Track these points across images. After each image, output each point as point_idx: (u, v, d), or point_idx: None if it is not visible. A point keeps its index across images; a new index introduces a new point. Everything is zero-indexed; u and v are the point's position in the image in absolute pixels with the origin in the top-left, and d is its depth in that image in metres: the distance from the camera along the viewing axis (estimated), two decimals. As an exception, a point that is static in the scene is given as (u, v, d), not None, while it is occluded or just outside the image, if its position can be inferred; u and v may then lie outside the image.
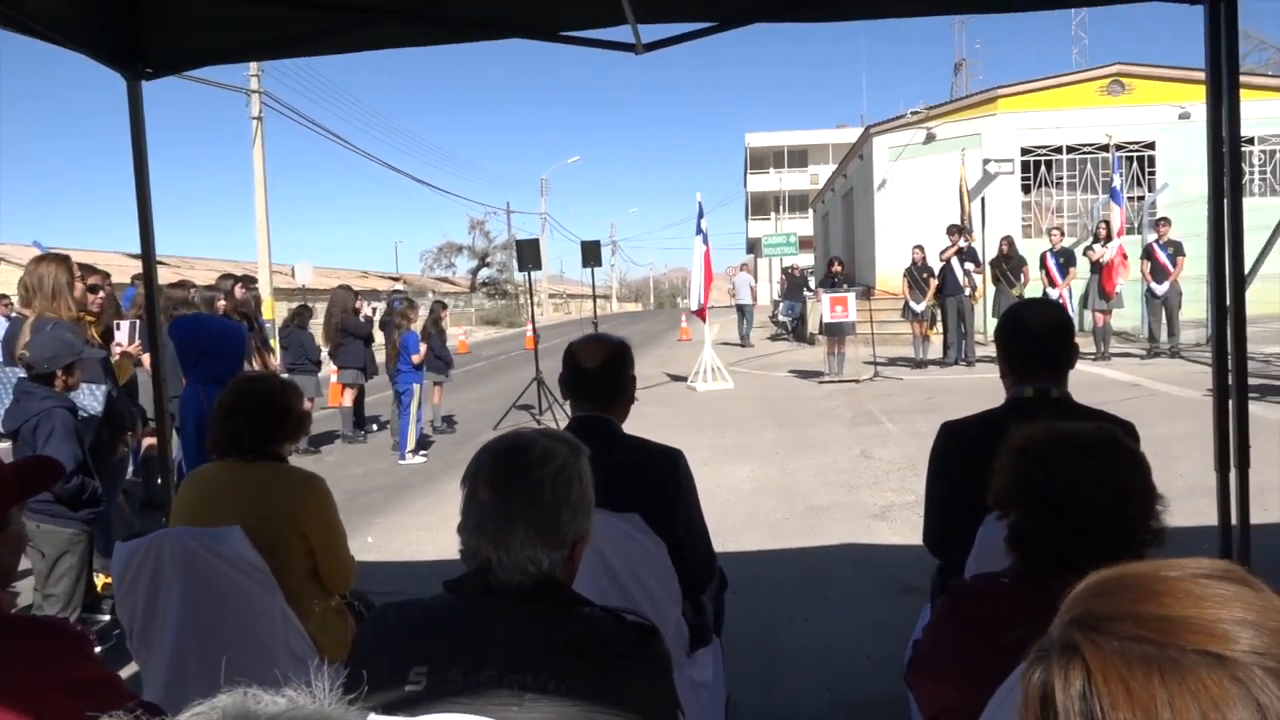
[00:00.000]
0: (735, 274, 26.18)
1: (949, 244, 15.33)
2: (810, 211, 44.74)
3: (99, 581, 4.98)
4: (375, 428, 11.73)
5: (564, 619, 1.58)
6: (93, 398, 4.92)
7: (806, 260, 33.86)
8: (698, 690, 2.73)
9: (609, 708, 1.48)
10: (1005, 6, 3.74)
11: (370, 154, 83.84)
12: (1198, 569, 0.78)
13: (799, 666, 4.17)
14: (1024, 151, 20.99)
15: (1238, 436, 3.24)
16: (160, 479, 6.18)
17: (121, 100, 3.77)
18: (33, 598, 4.39)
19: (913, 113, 22.53)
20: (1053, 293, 14.70)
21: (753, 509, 6.98)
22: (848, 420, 10.78)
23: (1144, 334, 15.43)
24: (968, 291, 15.19)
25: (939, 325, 15.88)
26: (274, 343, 11.58)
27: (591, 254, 13.92)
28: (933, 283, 15.33)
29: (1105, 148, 19.98)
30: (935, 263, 15.50)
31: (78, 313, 5.09)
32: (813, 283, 23.09)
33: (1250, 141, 19.45)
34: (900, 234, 20.20)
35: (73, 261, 5.18)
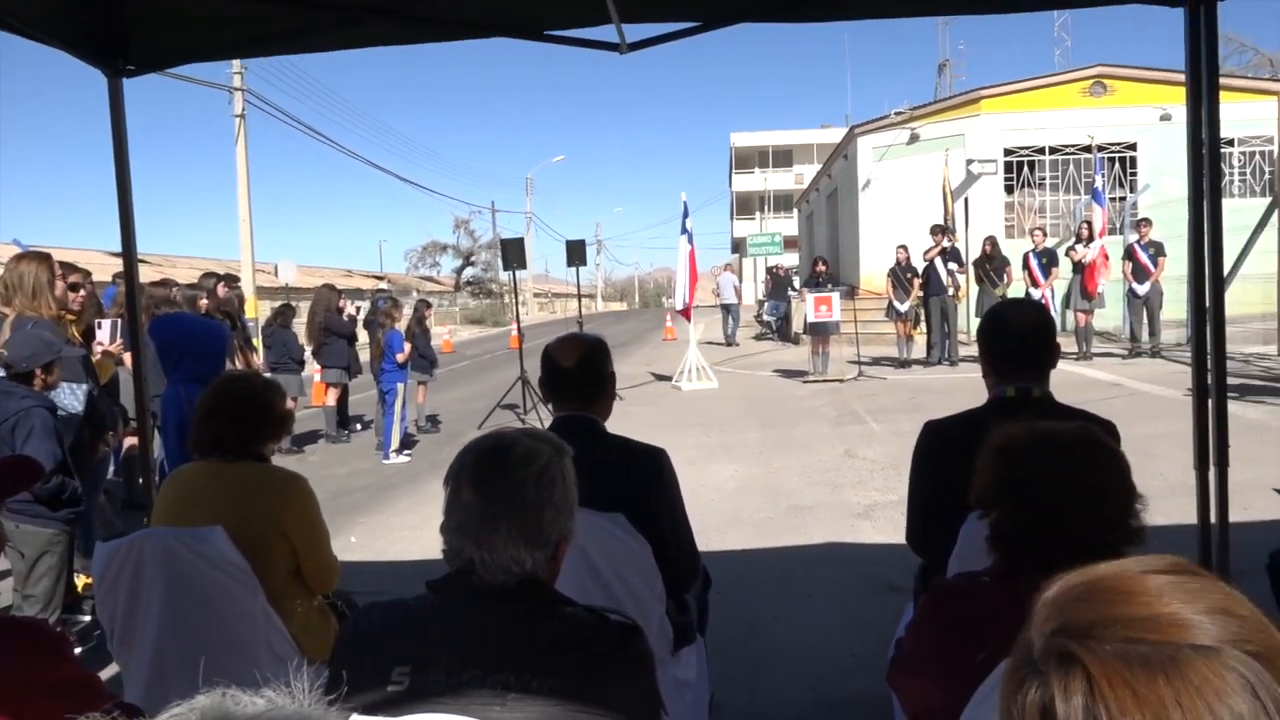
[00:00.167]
0: (720, 274, 26.22)
1: (933, 244, 15.39)
2: (795, 211, 44.84)
3: (79, 582, 4.94)
4: (359, 427, 11.69)
5: (547, 619, 1.58)
6: (73, 397, 4.88)
7: (791, 260, 33.96)
8: (681, 689, 2.73)
9: (592, 707, 1.48)
10: (989, 8, 3.76)
11: (354, 152, 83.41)
12: (1156, 565, 0.80)
13: (782, 665, 4.18)
14: (1007, 152, 21.10)
15: (1217, 436, 3.26)
16: (141, 479, 6.15)
17: (102, 97, 3.75)
18: (12, 598, 4.36)
19: (897, 113, 22.62)
20: (1035, 293, 14.78)
21: (737, 508, 6.99)
22: (832, 420, 10.81)
23: (1125, 334, 15.54)
24: (951, 291, 15.26)
25: (922, 325, 15.94)
26: (257, 342, 11.52)
27: (576, 253, 13.91)
28: (917, 283, 15.39)
29: (1087, 149, 20.11)
30: (919, 263, 15.55)
31: (58, 311, 5.05)
32: (797, 282, 23.15)
33: (1230, 143, 19.60)
34: (884, 234, 20.27)
35: (54, 260, 5.14)
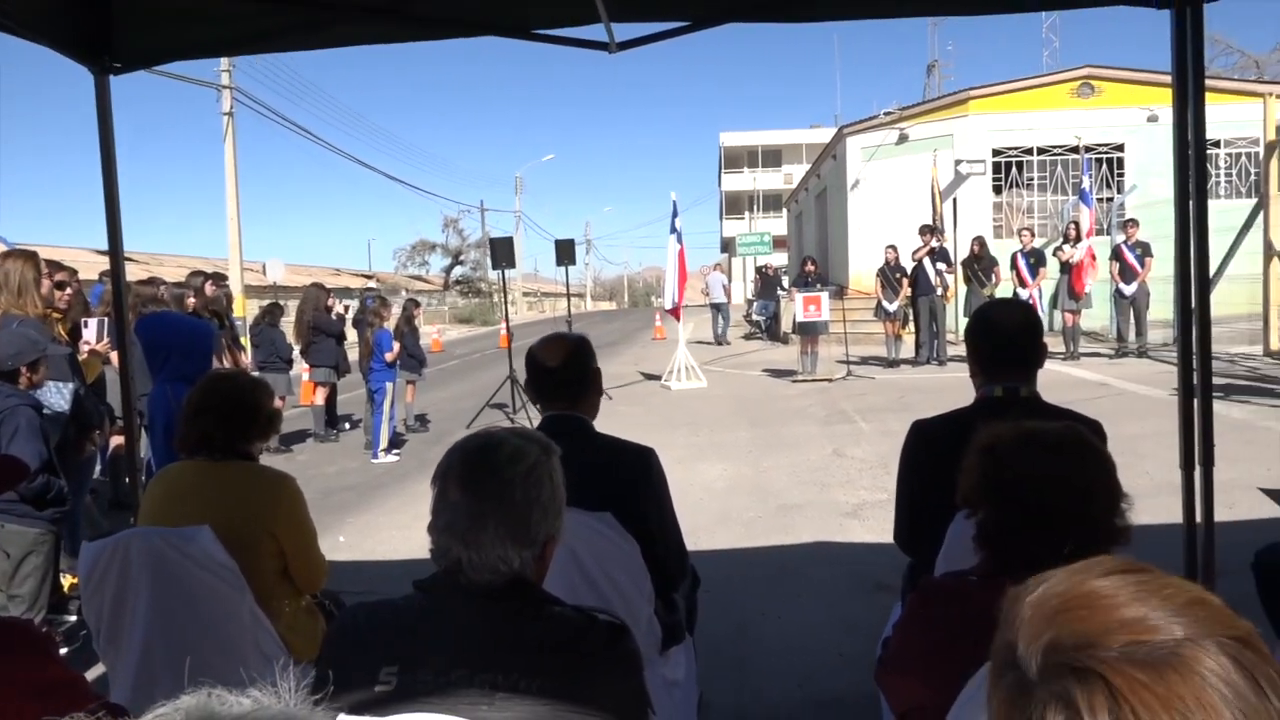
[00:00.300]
0: (709, 273, 26.24)
1: (921, 244, 15.44)
2: (784, 211, 44.89)
3: (65, 582, 4.92)
4: (348, 426, 11.67)
5: (534, 618, 1.58)
6: (59, 395, 4.86)
7: (780, 260, 34.01)
8: (670, 688, 2.73)
9: (580, 706, 1.48)
10: (977, 8, 3.77)
11: (343, 150, 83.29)
12: (1118, 566, 0.82)
13: (771, 664, 4.19)
14: (995, 152, 21.17)
15: (1202, 435, 3.28)
16: (128, 478, 6.12)
17: (89, 94, 3.73)
18: (-3, 598, 4.33)
19: (886, 113, 22.67)
20: (1023, 293, 14.84)
21: (726, 507, 7.00)
22: (820, 419, 10.83)
23: (1112, 334, 15.61)
24: (939, 291, 15.31)
25: (911, 325, 15.98)
26: (245, 340, 11.49)
27: (566, 252, 13.91)
28: (905, 282, 15.43)
29: (1075, 149, 20.18)
30: (908, 262, 15.60)
31: (44, 309, 5.03)
32: (786, 282, 23.19)
33: (1216, 144, 19.71)
34: (873, 234, 20.32)
35: (39, 257, 5.12)
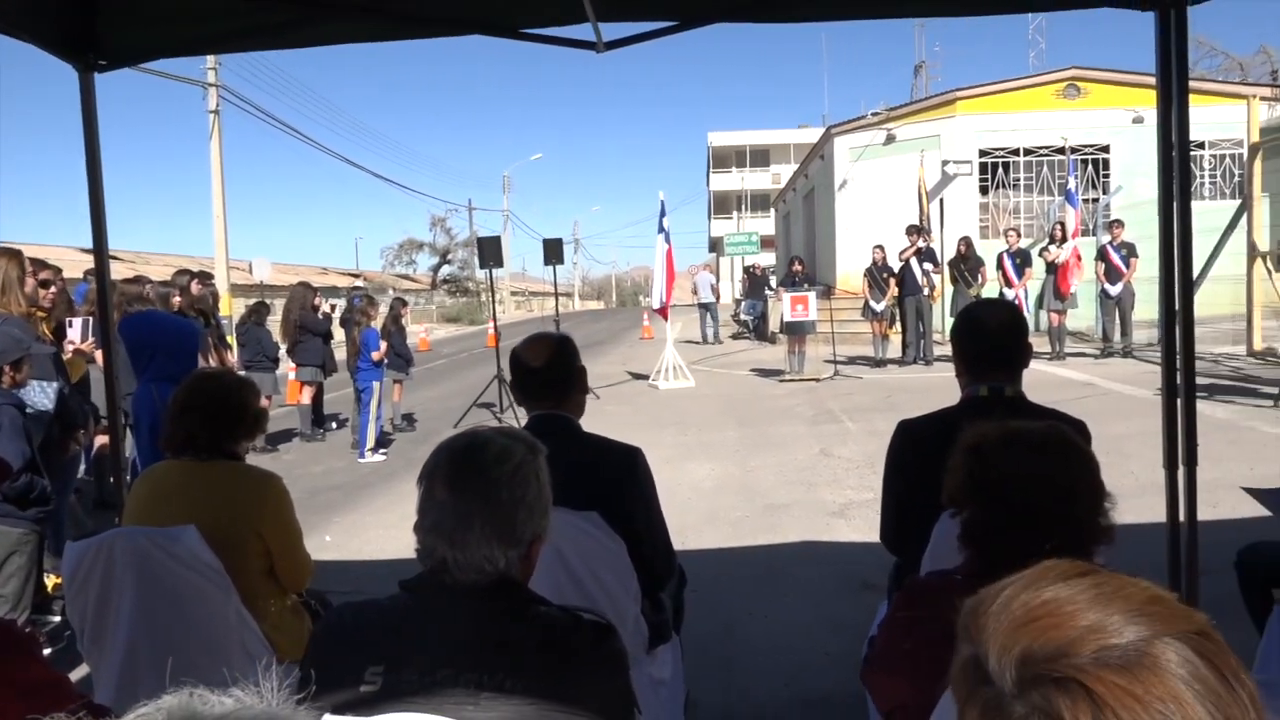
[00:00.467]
0: (697, 273, 26.26)
1: (908, 244, 15.49)
2: (772, 211, 44.98)
3: (50, 582, 4.89)
4: (334, 425, 11.64)
5: (520, 618, 1.58)
6: (43, 394, 4.83)
7: (768, 259, 34.03)
8: (657, 688, 2.74)
9: (565, 706, 1.48)
10: (963, 10, 3.78)
11: (330, 149, 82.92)
12: (1071, 570, 0.84)
13: (758, 663, 4.19)
14: (982, 153, 21.25)
15: (1186, 435, 3.30)
16: (113, 477, 6.09)
17: (74, 91, 3.70)
18: (-20, 599, 4.30)
19: (873, 114, 22.73)
20: (1009, 293, 14.91)
21: (713, 507, 7.01)
22: (808, 418, 10.86)
23: (1098, 334, 15.69)
24: (926, 291, 15.36)
25: (898, 325, 16.03)
26: (231, 339, 11.44)
27: (554, 251, 13.91)
28: (893, 282, 15.47)
29: (1061, 150, 20.28)
30: (895, 263, 15.64)
31: (28, 308, 5.00)
32: (774, 282, 23.22)
33: (1201, 146, 19.84)
34: (860, 234, 20.36)
35: (24, 256, 5.09)
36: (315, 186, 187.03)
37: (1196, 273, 3.66)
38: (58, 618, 4.68)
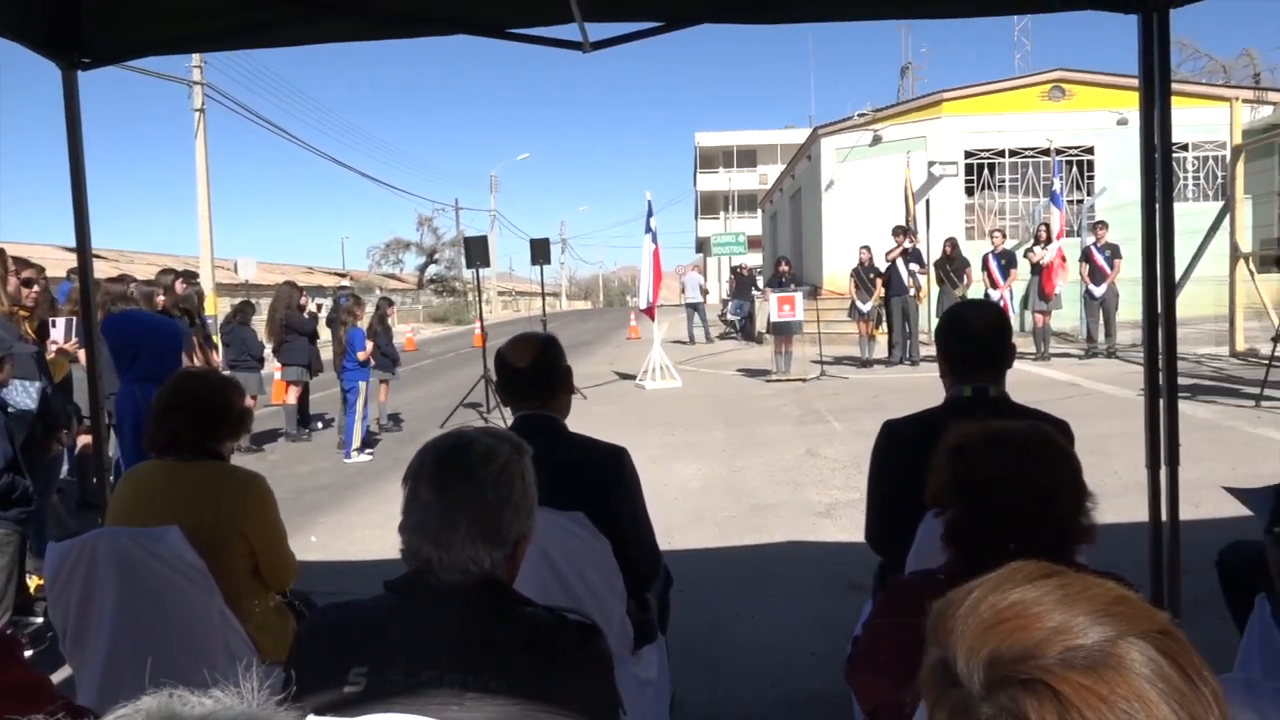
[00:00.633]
0: (686, 273, 26.29)
1: (894, 245, 15.55)
2: (759, 211, 45.04)
3: (32, 583, 4.86)
4: (320, 425, 11.60)
5: (505, 618, 1.58)
6: (25, 394, 4.80)
7: (755, 260, 34.09)
8: (642, 688, 2.74)
9: (550, 706, 1.48)
10: (947, 12, 3.80)
11: (317, 148, 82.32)
12: (1037, 572, 0.85)
13: (744, 663, 4.20)
14: (967, 154, 21.35)
15: (1168, 435, 3.33)
16: (96, 478, 6.05)
17: (58, 89, 3.68)
18: (-39, 600, 4.27)
19: (860, 115, 22.79)
20: (994, 294, 14.98)
21: (700, 507, 7.02)
22: (794, 419, 10.88)
23: (1082, 334, 15.77)
24: (912, 292, 15.42)
25: (884, 325, 16.08)
26: (216, 339, 11.38)
27: (540, 251, 13.89)
28: (879, 283, 15.51)
29: (1046, 152, 20.38)
30: (881, 263, 15.69)
31: (11, 307, 4.97)
32: (761, 282, 23.26)
33: (1184, 148, 19.98)
34: (847, 234, 20.42)
35: (6, 254, 5.06)
36: (301, 185, 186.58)
37: (1179, 274, 3.69)
38: (40, 619, 4.65)
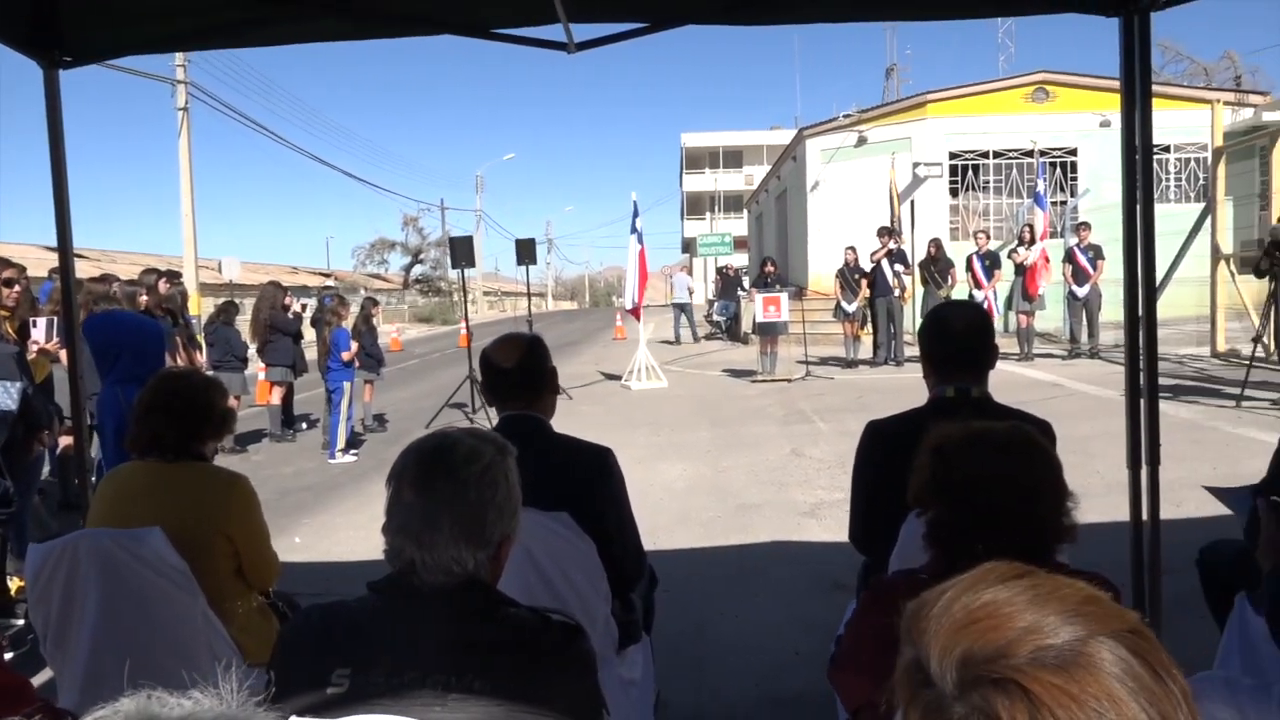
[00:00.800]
0: (674, 273, 26.33)
1: (879, 246, 15.59)
2: (745, 212, 45.10)
3: (12, 585, 4.83)
4: (305, 426, 11.56)
5: (488, 619, 1.58)
6: (6, 395, 4.76)
7: (741, 260, 34.13)
8: (627, 688, 2.74)
9: (534, 707, 1.48)
10: (931, 14, 3.82)
11: (301, 148, 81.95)
12: (1009, 572, 0.86)
13: (728, 663, 4.21)
14: (952, 156, 21.45)
15: (1149, 435, 3.35)
16: (77, 479, 6.01)
17: (39, 87, 3.65)
18: (-59, 602, 4.24)
19: (845, 116, 22.86)
20: (978, 294, 15.06)
21: (685, 507, 7.02)
22: (779, 419, 10.90)
23: (1065, 335, 15.86)
24: (897, 293, 15.47)
25: (869, 326, 16.13)
26: (200, 339, 11.33)
27: (526, 251, 13.87)
28: (864, 283, 15.56)
29: (1030, 153, 20.51)
30: (866, 264, 15.73)
31: (-9, 307, 4.93)
32: (747, 283, 23.30)
33: (1166, 149, 20.12)
34: (832, 235, 20.48)
35: (-14, 254, 5.02)
36: (286, 185, 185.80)
37: (1161, 275, 3.72)
38: (20, 621, 4.62)
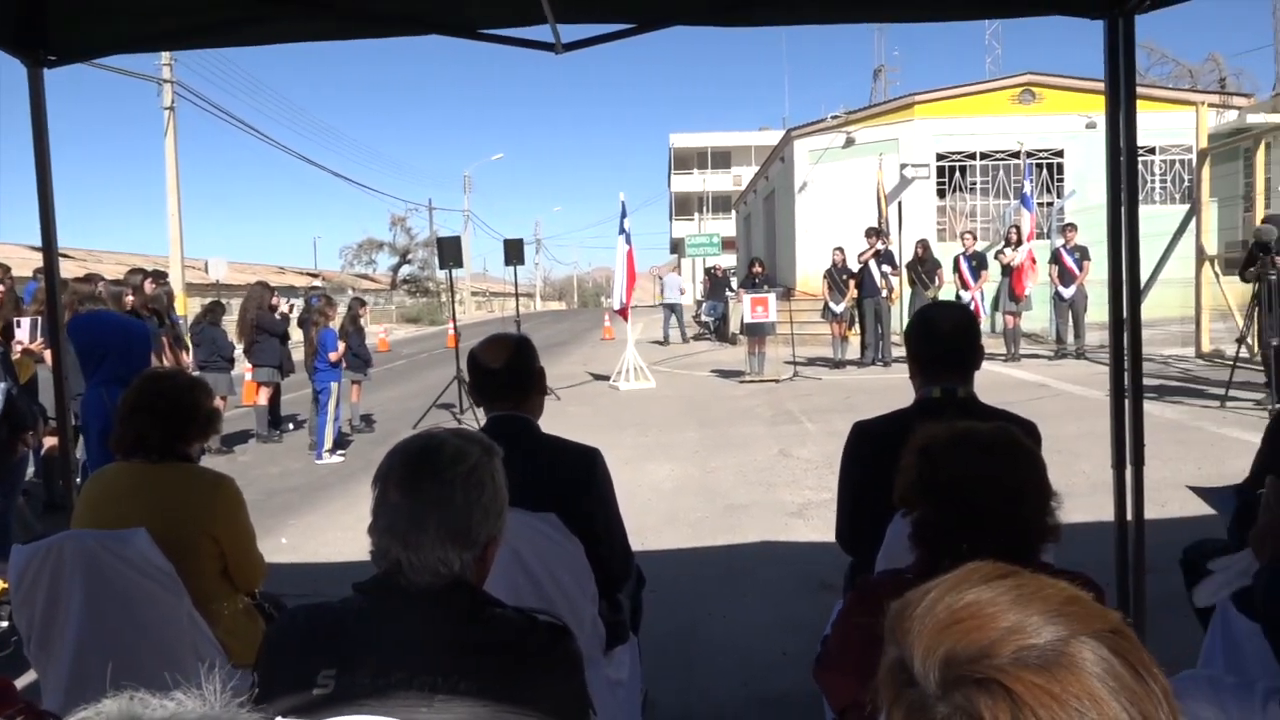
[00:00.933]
0: (665, 274, 26.34)
1: (867, 246, 15.63)
2: (733, 212, 45.12)
3: (-4, 587, 4.79)
4: (292, 426, 11.52)
5: (474, 620, 1.57)
6: (-10, 396, 4.74)
7: (729, 261, 34.18)
8: (614, 688, 2.74)
9: (519, 708, 1.48)
10: (918, 16, 3.83)
11: (289, 148, 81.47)
12: (993, 572, 0.86)
13: (716, 663, 4.21)
14: (939, 157, 21.52)
15: (1134, 436, 3.37)
16: (62, 480, 5.98)
17: (22, 85, 3.63)
18: (-76, 604, 4.21)
19: (833, 117, 22.92)
20: (965, 295, 15.11)
21: (673, 507, 7.03)
22: (767, 419, 10.91)
23: (1052, 336, 15.92)
24: (885, 293, 15.51)
25: (857, 326, 16.17)
26: (187, 339, 11.28)
27: (514, 252, 13.87)
28: (852, 284, 15.59)
29: (1016, 155, 20.61)
30: (854, 264, 15.77)
31: (-26, 307, 4.90)
32: (735, 283, 23.33)
33: (1151, 151, 20.24)
34: (820, 236, 20.54)
35: (-31, 254, 4.99)
36: (273, 185, 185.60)
37: (1146, 276, 3.74)
38: (4, 623, 4.59)
